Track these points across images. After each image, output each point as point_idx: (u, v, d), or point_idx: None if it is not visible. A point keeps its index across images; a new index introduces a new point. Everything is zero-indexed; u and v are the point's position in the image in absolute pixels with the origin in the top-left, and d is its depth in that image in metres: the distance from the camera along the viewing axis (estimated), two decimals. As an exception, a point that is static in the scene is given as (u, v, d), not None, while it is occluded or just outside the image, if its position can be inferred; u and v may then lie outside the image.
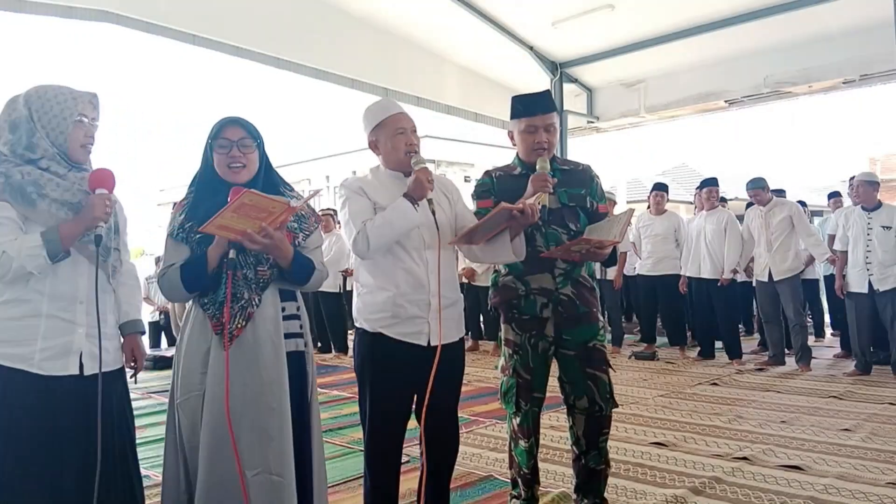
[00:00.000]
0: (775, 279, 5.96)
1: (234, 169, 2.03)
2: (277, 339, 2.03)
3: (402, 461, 2.39)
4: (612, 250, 2.54)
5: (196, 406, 1.98)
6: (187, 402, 1.99)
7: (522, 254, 2.36)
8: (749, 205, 8.10)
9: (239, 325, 1.97)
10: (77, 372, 1.87)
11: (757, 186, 6.08)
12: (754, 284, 7.15)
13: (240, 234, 1.90)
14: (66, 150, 1.91)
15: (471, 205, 2.65)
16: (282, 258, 2.01)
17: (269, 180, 2.13)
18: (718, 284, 6.30)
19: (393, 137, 2.30)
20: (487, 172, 2.69)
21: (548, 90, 2.65)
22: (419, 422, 2.34)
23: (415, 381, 2.28)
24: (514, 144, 2.64)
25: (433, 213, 2.22)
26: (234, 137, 2.04)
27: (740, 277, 6.64)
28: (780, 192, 7.25)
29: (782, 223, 5.96)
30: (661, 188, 7.07)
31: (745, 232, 6.30)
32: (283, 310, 2.09)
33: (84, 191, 1.91)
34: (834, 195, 7.18)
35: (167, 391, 2.19)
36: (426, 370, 2.21)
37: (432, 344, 2.25)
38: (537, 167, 2.46)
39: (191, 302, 2.10)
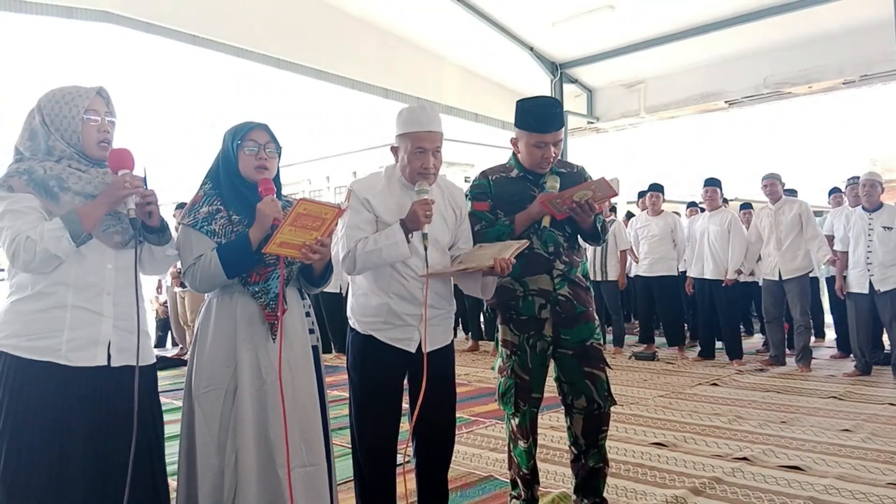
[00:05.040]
0: (784, 278, 5.93)
1: (259, 171, 2.08)
2: (304, 335, 2.14)
3: (402, 461, 2.39)
4: (601, 226, 2.58)
5: (216, 399, 2.01)
6: (207, 395, 2.02)
7: (489, 295, 2.42)
8: (743, 206, 8.11)
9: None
10: (105, 363, 1.86)
11: (773, 177, 6.05)
12: (761, 284, 7.15)
13: (299, 250, 1.96)
14: (82, 149, 1.92)
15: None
16: (322, 261, 2.09)
17: (278, 189, 2.16)
18: (723, 285, 6.30)
19: (411, 154, 2.26)
20: (484, 174, 2.67)
21: (559, 102, 2.61)
22: (410, 426, 2.36)
23: (403, 382, 2.34)
24: (517, 150, 2.61)
25: (425, 247, 2.19)
26: (261, 140, 2.09)
27: (743, 277, 6.63)
28: (792, 192, 7.28)
29: (792, 221, 5.92)
30: (656, 189, 7.07)
31: (754, 232, 6.29)
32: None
33: (106, 184, 1.91)
34: (834, 191, 7.18)
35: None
36: (414, 373, 2.27)
37: (423, 350, 2.28)
38: (547, 186, 2.48)
39: (210, 294, 2.12)
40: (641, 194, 7.89)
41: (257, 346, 2.03)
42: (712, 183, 6.52)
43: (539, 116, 2.49)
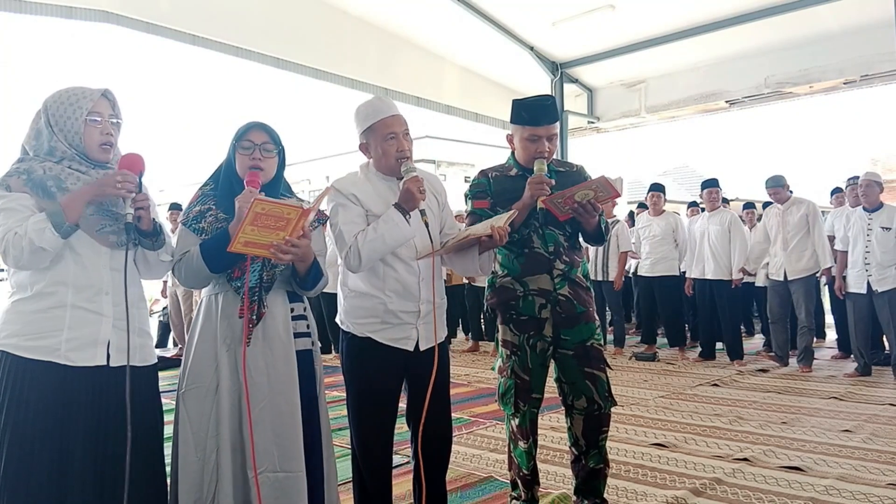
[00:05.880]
0: (789, 278, 5.90)
1: (251, 171, 2.06)
2: (287, 338, 2.09)
3: (403, 462, 2.39)
4: (605, 227, 2.57)
5: (198, 397, 2.03)
6: (189, 393, 2.04)
7: (488, 270, 2.42)
8: (746, 206, 8.11)
9: (253, 325, 2.04)
10: (104, 363, 1.86)
11: (776, 185, 5.97)
12: (759, 284, 7.14)
13: (267, 250, 1.93)
14: (84, 150, 1.92)
15: (461, 205, 2.65)
16: (303, 264, 2.05)
17: (276, 188, 2.15)
18: (732, 286, 6.31)
19: (383, 143, 2.25)
20: (483, 172, 2.67)
21: (552, 97, 2.62)
22: (408, 425, 2.35)
23: (401, 384, 2.32)
24: (513, 148, 2.62)
25: (426, 224, 2.19)
26: (257, 140, 2.09)
27: (746, 277, 6.62)
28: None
29: (799, 222, 5.87)
30: (657, 189, 7.06)
31: (762, 231, 6.27)
32: (292, 311, 2.15)
33: None
34: (837, 191, 7.18)
35: (170, 391, 2.20)
36: (413, 373, 2.26)
37: (421, 349, 2.27)
38: (535, 169, 2.46)
39: (203, 292, 2.13)
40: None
41: (235, 345, 2.03)
42: (711, 184, 6.52)
43: (531, 109, 2.51)
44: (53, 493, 1.79)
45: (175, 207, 7.17)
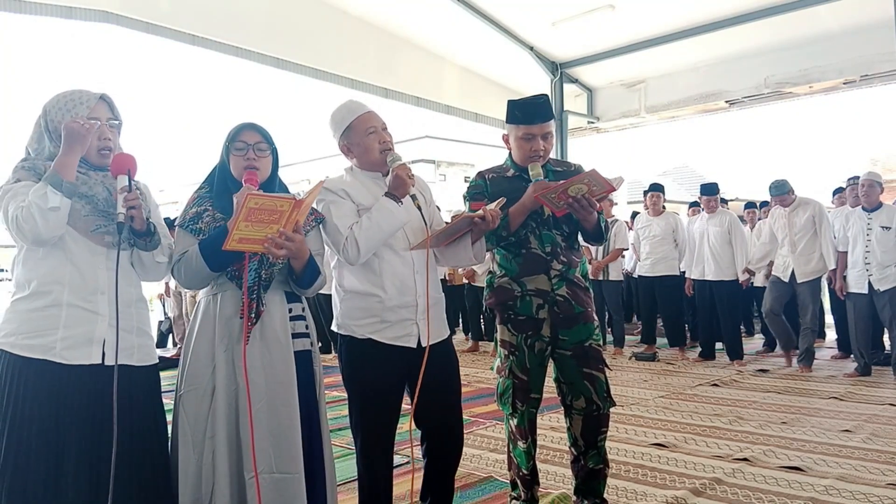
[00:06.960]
0: (798, 281, 5.83)
1: (249, 171, 2.07)
2: (286, 339, 2.08)
3: (404, 461, 2.39)
4: (604, 225, 2.56)
5: (196, 398, 2.02)
6: (187, 395, 2.04)
7: (482, 257, 2.42)
8: (747, 205, 8.11)
9: (252, 323, 2.03)
10: (99, 361, 1.86)
11: (781, 192, 5.90)
12: (757, 284, 7.13)
13: (262, 245, 1.92)
14: (84, 155, 1.91)
15: (461, 205, 2.64)
16: (299, 261, 2.04)
17: (272, 187, 2.15)
18: (743, 287, 6.33)
19: (365, 138, 2.27)
20: (480, 174, 2.68)
21: (546, 96, 2.62)
22: (417, 424, 2.34)
23: (407, 383, 2.30)
24: (510, 148, 2.63)
25: (419, 208, 2.21)
26: (250, 141, 2.10)
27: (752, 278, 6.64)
28: None
29: (806, 224, 5.82)
30: (656, 189, 7.06)
31: (767, 232, 6.26)
32: (290, 311, 2.14)
33: (105, 187, 1.92)
34: (838, 191, 7.16)
35: (171, 391, 2.20)
36: (416, 371, 2.23)
37: (423, 345, 2.26)
38: (530, 174, 2.46)
39: (201, 294, 2.13)
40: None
41: (233, 345, 2.03)
42: (711, 192, 6.51)
43: (524, 108, 2.52)
44: (50, 491, 1.79)
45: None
